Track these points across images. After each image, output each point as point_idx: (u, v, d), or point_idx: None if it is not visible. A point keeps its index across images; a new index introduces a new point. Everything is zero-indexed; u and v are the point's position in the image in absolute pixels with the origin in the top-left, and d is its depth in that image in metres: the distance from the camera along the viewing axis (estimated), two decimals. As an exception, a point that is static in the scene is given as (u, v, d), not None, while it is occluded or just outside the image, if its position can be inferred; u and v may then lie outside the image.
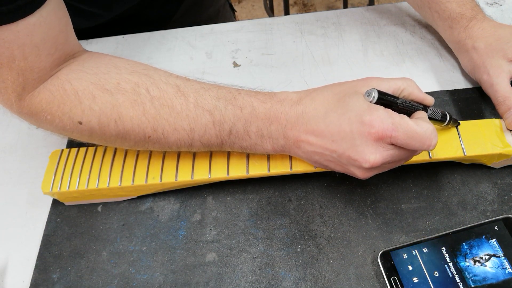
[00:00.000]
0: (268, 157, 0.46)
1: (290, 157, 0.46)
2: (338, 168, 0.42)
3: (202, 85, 0.43)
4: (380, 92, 0.39)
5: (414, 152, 0.40)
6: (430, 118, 0.43)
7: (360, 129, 0.37)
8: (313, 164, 0.44)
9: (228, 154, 0.47)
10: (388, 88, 0.41)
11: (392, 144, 0.38)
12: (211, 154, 0.47)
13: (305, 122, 0.40)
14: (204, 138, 0.42)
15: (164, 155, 0.48)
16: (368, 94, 0.39)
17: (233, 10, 0.90)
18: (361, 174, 0.40)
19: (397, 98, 0.41)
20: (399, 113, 0.40)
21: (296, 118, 0.41)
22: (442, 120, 0.44)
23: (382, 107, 0.38)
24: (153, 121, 0.41)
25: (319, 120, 0.39)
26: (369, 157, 0.38)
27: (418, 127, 0.38)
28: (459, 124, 0.47)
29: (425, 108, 0.43)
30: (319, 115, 0.40)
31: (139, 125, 0.42)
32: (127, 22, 0.69)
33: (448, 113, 0.45)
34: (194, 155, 0.47)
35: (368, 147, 0.38)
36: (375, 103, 0.39)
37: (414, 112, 0.42)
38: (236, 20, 0.91)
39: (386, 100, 0.39)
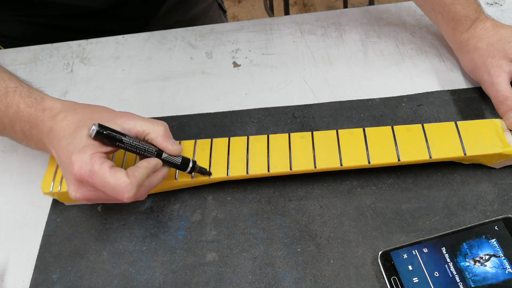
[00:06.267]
0: (268, 157, 0.46)
1: (290, 157, 0.46)
2: None
3: None
4: (102, 128, 0.40)
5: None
6: (170, 165, 0.44)
7: (68, 165, 0.40)
8: None
9: (228, 154, 0.47)
10: (132, 128, 0.42)
11: (94, 186, 0.40)
12: (210, 154, 0.47)
13: (52, 138, 0.42)
14: None
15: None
16: (92, 126, 0.40)
17: (223, 11, 0.90)
18: None
19: (123, 137, 0.41)
20: (138, 154, 0.42)
21: (48, 131, 0.43)
22: (181, 168, 0.45)
23: (90, 152, 0.39)
24: None
25: (57, 141, 0.42)
26: (71, 191, 0.41)
27: (113, 179, 0.39)
28: (210, 174, 0.46)
29: (159, 154, 0.43)
30: (60, 135, 0.41)
31: None
32: (106, 16, 0.69)
33: (193, 162, 0.45)
34: (194, 155, 0.47)
35: (72, 183, 0.41)
36: (95, 137, 0.40)
37: (148, 156, 0.43)
38: (226, 21, 0.91)
39: (108, 137, 0.40)
